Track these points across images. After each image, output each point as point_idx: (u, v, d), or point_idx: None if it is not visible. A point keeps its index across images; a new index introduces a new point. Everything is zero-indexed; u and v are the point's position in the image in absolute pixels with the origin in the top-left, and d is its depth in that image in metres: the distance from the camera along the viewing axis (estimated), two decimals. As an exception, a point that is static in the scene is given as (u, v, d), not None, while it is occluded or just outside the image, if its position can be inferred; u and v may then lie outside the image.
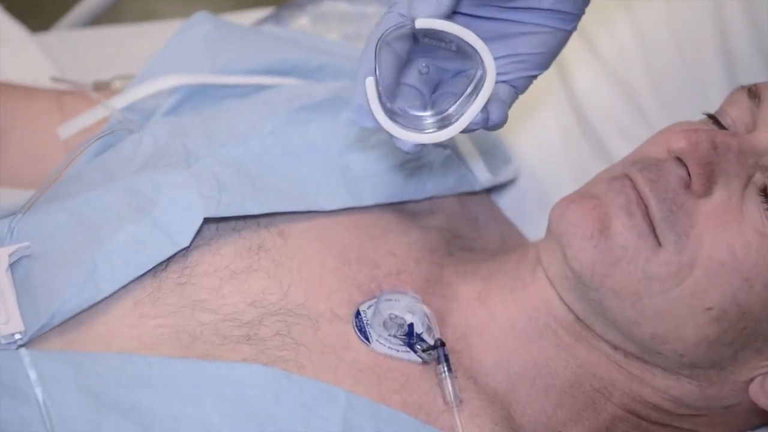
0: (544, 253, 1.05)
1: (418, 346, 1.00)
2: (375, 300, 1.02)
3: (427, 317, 1.01)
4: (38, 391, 0.89)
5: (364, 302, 1.03)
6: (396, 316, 1.00)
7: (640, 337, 1.00)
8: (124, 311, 0.97)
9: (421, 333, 1.00)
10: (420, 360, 1.00)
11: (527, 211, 1.32)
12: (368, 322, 1.01)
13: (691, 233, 0.98)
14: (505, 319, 1.06)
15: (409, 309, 1.01)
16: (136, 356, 0.93)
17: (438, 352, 1.00)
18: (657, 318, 0.99)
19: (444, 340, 1.00)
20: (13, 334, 0.93)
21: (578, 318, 1.04)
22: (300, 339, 0.98)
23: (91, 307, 0.96)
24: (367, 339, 1.00)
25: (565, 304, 1.04)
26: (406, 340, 1.00)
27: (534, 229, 1.28)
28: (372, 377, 0.98)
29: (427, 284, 1.07)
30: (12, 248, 0.97)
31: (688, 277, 0.97)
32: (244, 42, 1.23)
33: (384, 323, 1.00)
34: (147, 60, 1.22)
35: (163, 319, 0.97)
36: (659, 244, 0.98)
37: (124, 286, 0.97)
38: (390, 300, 1.01)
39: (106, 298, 0.96)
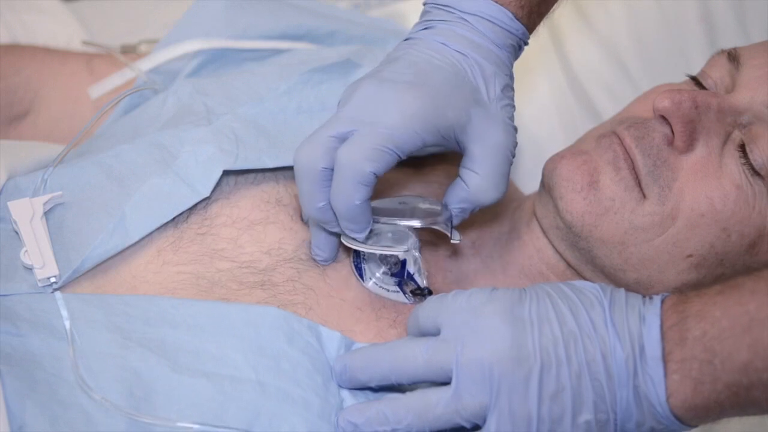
0: (537, 205, 1.08)
1: (407, 287, 1.03)
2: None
3: (419, 260, 1.03)
4: (68, 326, 0.92)
5: None
6: (391, 255, 1.02)
7: (625, 282, 1.04)
8: (149, 259, 1.00)
9: (413, 273, 1.03)
10: (407, 301, 1.03)
11: (522, 166, 1.35)
12: (365, 257, 1.03)
13: (674, 186, 1.01)
14: (498, 267, 1.10)
15: (403, 248, 1.02)
16: (161, 298, 0.96)
17: (424, 295, 1.02)
18: (641, 265, 1.03)
19: (431, 288, 1.03)
20: (48, 278, 0.96)
21: (569, 265, 1.07)
22: (310, 284, 1.01)
23: (118, 254, 0.99)
24: (362, 277, 1.03)
25: (557, 252, 1.07)
26: (397, 280, 1.03)
27: (529, 184, 1.30)
28: (370, 314, 1.02)
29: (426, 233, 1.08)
30: (47, 197, 1.00)
31: (670, 226, 1.01)
32: (261, 9, 1.23)
33: (380, 258, 1.03)
34: (171, 26, 1.23)
35: (184, 266, 1.00)
36: (644, 196, 1.02)
37: (148, 235, 1.00)
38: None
39: (132, 246, 0.99)
